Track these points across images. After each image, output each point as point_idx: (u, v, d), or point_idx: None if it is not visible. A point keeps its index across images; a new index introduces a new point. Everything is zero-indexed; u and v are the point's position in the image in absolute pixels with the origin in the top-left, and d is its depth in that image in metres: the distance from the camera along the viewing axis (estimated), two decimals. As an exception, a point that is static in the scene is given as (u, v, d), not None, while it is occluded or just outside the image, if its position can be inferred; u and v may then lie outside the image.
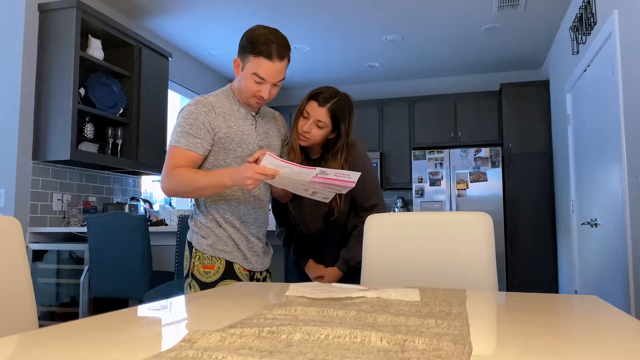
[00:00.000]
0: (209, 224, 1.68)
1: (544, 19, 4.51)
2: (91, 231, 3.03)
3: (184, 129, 1.60)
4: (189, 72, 5.49)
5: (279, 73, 1.61)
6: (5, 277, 1.11)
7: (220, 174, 1.56)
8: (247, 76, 1.61)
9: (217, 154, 1.65)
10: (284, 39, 1.64)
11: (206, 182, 1.57)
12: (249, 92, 1.64)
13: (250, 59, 1.59)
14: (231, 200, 1.69)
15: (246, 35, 1.62)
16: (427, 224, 1.52)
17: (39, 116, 3.42)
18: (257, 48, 1.57)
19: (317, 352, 0.61)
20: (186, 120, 1.61)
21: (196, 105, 1.62)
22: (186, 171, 1.58)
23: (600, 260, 3.44)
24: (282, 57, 1.60)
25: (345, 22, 4.60)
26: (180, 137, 1.59)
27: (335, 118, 1.80)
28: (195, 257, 1.67)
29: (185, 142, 1.59)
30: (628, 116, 2.72)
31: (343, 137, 1.84)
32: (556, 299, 1.07)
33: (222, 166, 1.65)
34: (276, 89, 1.65)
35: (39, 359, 0.62)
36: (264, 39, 1.58)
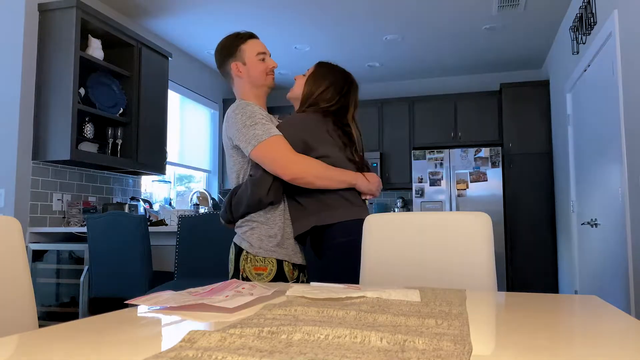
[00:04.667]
0: (271, 230, 1.66)
1: (544, 19, 4.51)
2: (91, 231, 3.03)
3: (261, 121, 1.61)
4: (189, 72, 5.49)
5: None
6: (5, 277, 1.11)
7: (355, 174, 1.70)
8: (252, 62, 1.73)
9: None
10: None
11: (343, 177, 1.66)
12: (262, 73, 1.74)
13: (242, 49, 1.73)
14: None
15: (221, 46, 1.77)
16: (426, 224, 1.52)
17: (39, 116, 3.42)
18: (239, 38, 1.75)
19: (317, 352, 0.61)
20: (256, 114, 1.62)
21: (247, 103, 1.66)
22: (314, 160, 1.62)
23: (600, 260, 3.44)
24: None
25: (345, 22, 4.60)
26: (269, 127, 1.60)
27: (316, 70, 1.82)
28: (247, 259, 1.65)
29: (276, 131, 1.61)
30: (628, 116, 2.72)
31: (305, 91, 1.81)
32: (556, 299, 1.07)
33: (245, 162, 1.67)
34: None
35: (39, 359, 0.62)
36: (233, 34, 1.77)
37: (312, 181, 1.61)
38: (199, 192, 4.67)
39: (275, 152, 1.58)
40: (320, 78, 1.81)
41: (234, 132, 1.63)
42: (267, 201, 1.63)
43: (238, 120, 1.62)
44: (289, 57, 5.53)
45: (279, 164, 1.58)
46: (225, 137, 1.71)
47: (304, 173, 1.59)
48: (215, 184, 6.08)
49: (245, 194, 1.64)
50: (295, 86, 1.86)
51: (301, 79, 1.86)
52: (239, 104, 1.67)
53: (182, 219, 3.00)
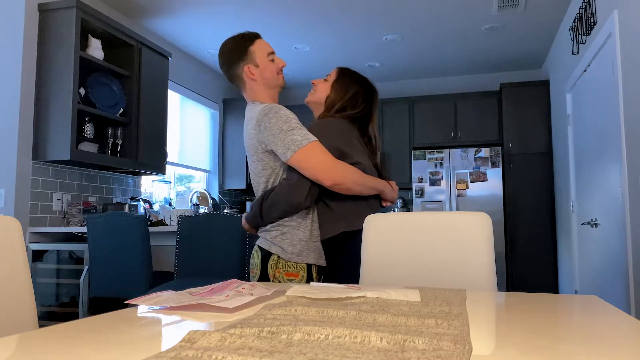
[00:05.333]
0: (302, 233, 1.65)
1: (544, 19, 4.52)
2: (91, 231, 3.03)
3: (298, 126, 1.60)
4: (189, 72, 5.49)
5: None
6: (5, 277, 1.11)
7: (382, 182, 1.74)
8: (264, 63, 1.72)
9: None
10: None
11: (375, 183, 1.69)
12: (274, 73, 1.74)
13: (252, 50, 1.72)
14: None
15: (228, 49, 1.75)
16: (426, 224, 1.52)
17: (39, 116, 3.42)
18: (246, 40, 1.73)
19: (317, 352, 0.61)
20: (291, 119, 1.61)
21: (279, 107, 1.64)
22: (351, 166, 1.63)
23: (600, 260, 3.44)
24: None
25: (345, 22, 4.60)
26: (306, 133, 1.60)
27: (340, 77, 1.83)
28: (277, 265, 1.64)
29: (313, 137, 1.60)
30: (628, 116, 2.72)
31: (332, 97, 1.81)
32: (556, 299, 1.07)
33: (277, 165, 1.66)
34: None
35: (39, 359, 0.62)
36: (238, 35, 1.75)
37: (350, 187, 1.62)
38: (199, 192, 4.67)
39: (315, 158, 1.57)
40: (347, 84, 1.82)
41: (268, 137, 1.60)
42: (305, 206, 1.62)
43: (273, 124, 1.59)
44: (289, 57, 5.53)
45: (320, 170, 1.57)
46: (253, 141, 1.66)
47: (343, 179, 1.59)
48: (215, 184, 6.08)
49: (281, 198, 1.61)
50: (318, 91, 1.85)
51: (323, 84, 1.85)
52: (271, 107, 1.62)
53: (182, 219, 3.00)
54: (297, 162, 1.57)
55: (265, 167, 1.67)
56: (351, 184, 1.62)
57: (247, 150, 1.73)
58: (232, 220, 2.94)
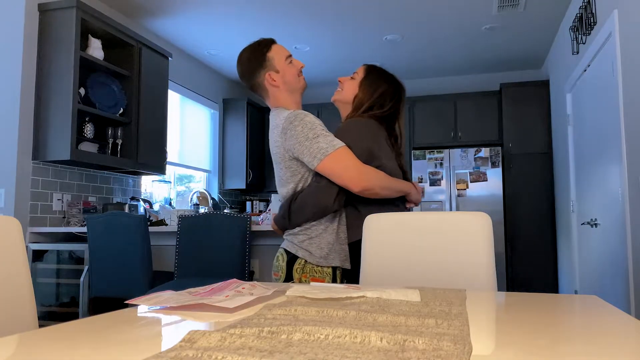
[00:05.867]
0: (329, 237, 1.66)
1: (544, 19, 4.51)
2: (91, 231, 3.03)
3: (323, 133, 1.60)
4: (189, 72, 5.49)
5: None
6: (5, 277, 1.11)
7: (408, 184, 1.75)
8: (283, 67, 1.72)
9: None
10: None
11: (401, 186, 1.70)
12: (295, 76, 1.74)
13: (271, 57, 1.72)
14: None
15: (246, 58, 1.73)
16: (426, 224, 1.52)
17: (39, 116, 3.42)
18: (263, 47, 1.72)
19: (317, 352, 0.61)
20: (316, 125, 1.61)
21: (305, 113, 1.64)
22: (377, 170, 1.64)
23: (600, 260, 3.44)
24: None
25: (345, 22, 4.60)
26: (331, 139, 1.59)
27: (367, 75, 1.82)
28: (303, 269, 1.63)
29: (339, 142, 1.60)
30: (628, 116, 2.72)
31: (360, 96, 1.80)
32: (556, 299, 1.07)
33: (305, 171, 1.65)
34: None
35: (39, 359, 0.62)
36: (254, 43, 1.74)
37: (378, 192, 1.63)
38: (199, 192, 4.67)
39: (342, 165, 1.57)
40: (375, 83, 1.81)
41: (294, 145, 1.60)
42: (333, 209, 1.63)
43: (299, 132, 1.59)
44: (289, 57, 5.53)
45: (347, 177, 1.57)
46: (279, 149, 1.65)
47: (371, 185, 1.60)
48: (215, 184, 6.08)
49: (310, 200, 1.61)
50: (345, 89, 1.84)
51: (350, 82, 1.84)
52: (296, 114, 1.62)
53: (182, 219, 3.00)
54: (324, 169, 1.58)
55: (294, 173, 1.66)
56: (379, 188, 1.62)
57: (273, 157, 1.71)
58: (232, 220, 2.94)
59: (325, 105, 6.30)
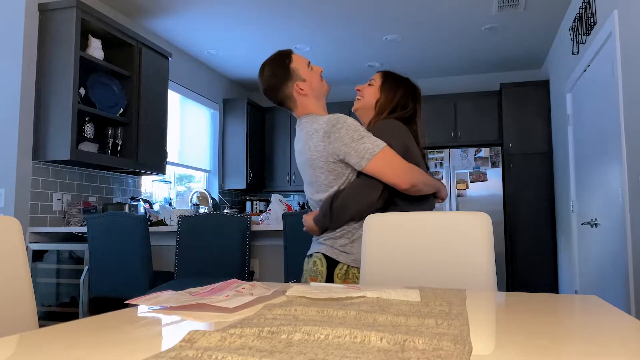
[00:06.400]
0: (354, 235, 1.68)
1: (544, 19, 4.52)
2: (91, 231, 3.03)
3: (366, 134, 1.62)
4: (189, 72, 5.49)
5: None
6: (5, 277, 1.11)
7: (438, 181, 1.79)
8: (309, 75, 1.76)
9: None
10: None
11: (435, 183, 1.73)
12: (319, 80, 1.78)
13: (294, 67, 1.74)
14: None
15: (271, 73, 1.74)
16: (426, 224, 1.52)
17: (39, 116, 3.42)
18: (284, 58, 1.75)
19: (317, 352, 0.61)
20: (358, 127, 1.63)
21: (345, 117, 1.66)
22: (417, 167, 1.66)
23: (600, 260, 3.44)
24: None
25: (345, 22, 4.60)
26: (374, 139, 1.61)
27: (385, 80, 1.87)
28: (347, 274, 1.64)
29: (382, 142, 1.62)
30: (628, 116, 2.72)
31: (382, 100, 1.83)
32: (556, 299, 1.07)
33: (350, 172, 1.66)
34: None
35: (39, 359, 0.62)
36: (274, 57, 1.76)
37: (422, 188, 1.66)
38: (199, 192, 4.67)
39: (390, 163, 1.60)
40: (394, 86, 1.86)
41: (340, 147, 1.61)
42: (378, 206, 1.64)
43: (344, 134, 1.61)
44: (289, 57, 5.53)
45: (396, 175, 1.60)
46: (321, 153, 1.65)
47: (417, 182, 1.62)
48: (215, 184, 6.08)
49: (354, 197, 1.62)
50: (366, 95, 1.88)
51: (369, 89, 1.88)
52: (338, 118, 1.64)
53: (182, 219, 3.00)
54: (372, 169, 1.60)
55: (337, 176, 1.66)
56: (422, 185, 1.65)
57: (310, 163, 1.69)
58: (232, 220, 2.94)
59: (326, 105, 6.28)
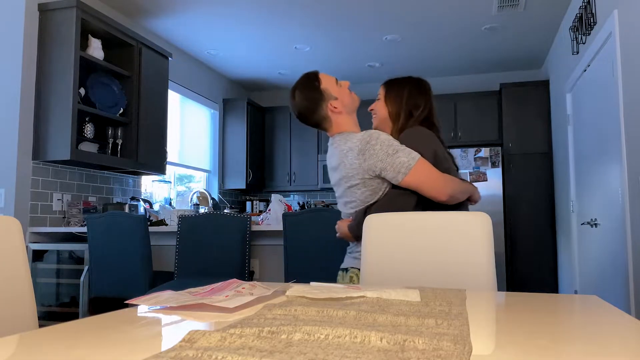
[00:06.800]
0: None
1: (544, 19, 4.51)
2: (91, 231, 3.03)
3: (400, 147, 1.62)
4: (189, 72, 5.49)
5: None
6: (5, 277, 1.11)
7: (471, 184, 1.79)
8: (339, 92, 1.76)
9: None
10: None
11: (469, 188, 1.73)
12: (349, 95, 1.79)
13: (324, 88, 1.75)
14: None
15: (303, 98, 1.76)
16: (426, 224, 1.52)
17: (39, 116, 3.42)
18: (313, 81, 1.76)
19: (317, 352, 0.61)
20: (392, 141, 1.64)
21: (379, 132, 1.66)
22: (450, 176, 1.65)
23: (600, 260, 3.44)
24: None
25: (345, 22, 4.60)
26: (408, 152, 1.61)
27: (388, 89, 1.87)
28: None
29: (416, 154, 1.62)
30: (628, 116, 2.72)
31: (391, 110, 1.83)
32: (556, 299, 1.07)
33: (387, 187, 1.67)
34: None
35: (39, 359, 0.62)
36: (302, 80, 1.79)
37: (459, 197, 1.66)
38: (199, 192, 4.67)
39: (426, 176, 1.60)
40: (398, 90, 1.85)
41: (375, 163, 1.62)
42: None
43: (378, 150, 1.61)
44: (289, 57, 5.53)
45: (434, 189, 1.61)
46: (357, 170, 1.66)
47: (454, 192, 1.63)
48: (215, 184, 6.08)
49: (387, 208, 1.62)
50: (378, 111, 1.88)
51: (378, 103, 1.89)
52: (371, 134, 1.65)
53: (182, 219, 3.00)
54: (409, 183, 1.61)
55: (374, 191, 1.67)
56: (459, 193, 1.66)
57: (347, 180, 1.70)
58: (232, 220, 2.94)
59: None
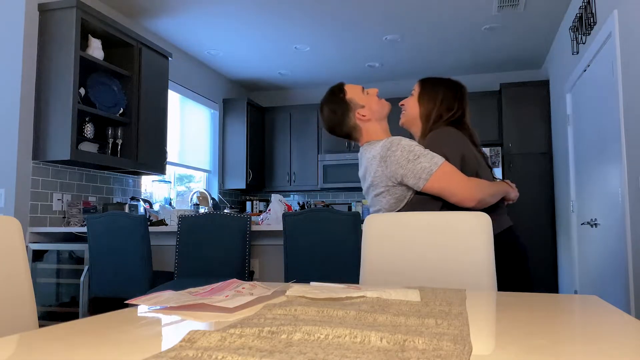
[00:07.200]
0: None
1: (544, 19, 4.51)
2: (91, 231, 3.03)
3: (421, 152, 1.59)
4: (189, 72, 5.49)
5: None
6: (5, 277, 1.11)
7: (505, 184, 1.75)
8: (365, 99, 1.76)
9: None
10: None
11: (501, 189, 1.70)
12: (377, 102, 1.78)
13: (350, 98, 1.75)
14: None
15: (330, 111, 1.77)
16: (426, 224, 1.52)
17: (39, 116, 3.42)
18: (339, 93, 1.76)
19: (317, 352, 0.61)
20: (413, 146, 1.60)
21: (400, 138, 1.65)
22: (479, 180, 1.61)
23: (600, 260, 3.44)
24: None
25: (345, 22, 4.60)
26: (431, 156, 1.58)
27: (423, 88, 1.83)
28: None
29: (439, 158, 1.58)
30: (628, 116, 2.72)
31: (424, 109, 1.80)
32: (556, 299, 1.07)
33: (411, 194, 1.65)
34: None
35: (39, 359, 0.62)
36: (328, 94, 1.79)
37: (489, 201, 1.63)
38: (199, 192, 4.67)
39: (450, 183, 1.56)
40: (433, 91, 1.81)
41: (396, 170, 1.60)
42: None
43: (399, 157, 1.59)
44: (289, 57, 5.53)
45: (459, 195, 1.56)
46: (381, 178, 1.65)
47: (482, 196, 1.59)
48: (215, 184, 6.07)
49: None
50: (408, 108, 1.86)
51: (410, 99, 1.86)
52: (392, 141, 1.62)
53: (182, 219, 3.00)
54: (432, 189, 1.58)
55: (399, 199, 1.66)
56: (489, 197, 1.62)
57: (373, 190, 1.69)
58: (232, 220, 2.94)
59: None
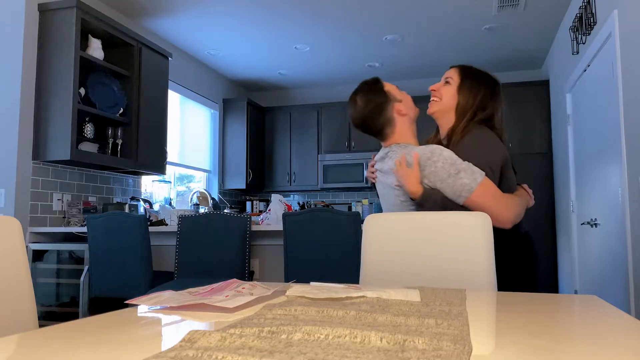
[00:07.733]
0: None
1: (544, 19, 4.51)
2: (91, 231, 3.03)
3: (462, 166, 1.54)
4: (189, 72, 5.49)
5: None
6: (5, 277, 1.11)
7: (525, 195, 1.74)
8: (402, 95, 1.72)
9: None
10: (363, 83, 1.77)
11: (524, 199, 1.69)
12: (412, 101, 1.75)
13: (388, 89, 1.70)
14: None
15: (367, 100, 1.69)
16: (427, 224, 1.51)
17: (39, 116, 3.42)
18: (375, 83, 1.72)
19: (317, 352, 0.61)
20: (455, 160, 1.55)
21: (441, 148, 1.59)
22: (509, 196, 1.60)
23: (600, 260, 3.44)
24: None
25: (345, 22, 4.60)
26: (471, 172, 1.53)
27: (465, 78, 1.72)
28: None
29: (479, 174, 1.54)
30: (628, 116, 2.72)
31: (462, 103, 1.69)
32: (556, 299, 1.07)
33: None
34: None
35: (39, 359, 0.62)
36: (368, 83, 1.73)
37: (521, 216, 1.62)
38: (199, 192, 4.67)
39: (487, 202, 1.52)
40: (475, 86, 1.71)
41: (434, 182, 1.55)
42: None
43: (439, 168, 1.54)
44: (289, 57, 5.53)
45: (496, 215, 1.52)
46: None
47: (516, 215, 1.57)
48: (215, 184, 6.07)
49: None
50: (445, 97, 1.74)
51: (447, 89, 1.74)
52: (433, 150, 1.56)
53: (182, 219, 3.00)
54: (470, 205, 1.54)
55: (408, 199, 1.63)
56: (521, 213, 1.61)
57: (399, 193, 1.65)
58: (232, 220, 2.94)
59: (325, 105, 6.30)
